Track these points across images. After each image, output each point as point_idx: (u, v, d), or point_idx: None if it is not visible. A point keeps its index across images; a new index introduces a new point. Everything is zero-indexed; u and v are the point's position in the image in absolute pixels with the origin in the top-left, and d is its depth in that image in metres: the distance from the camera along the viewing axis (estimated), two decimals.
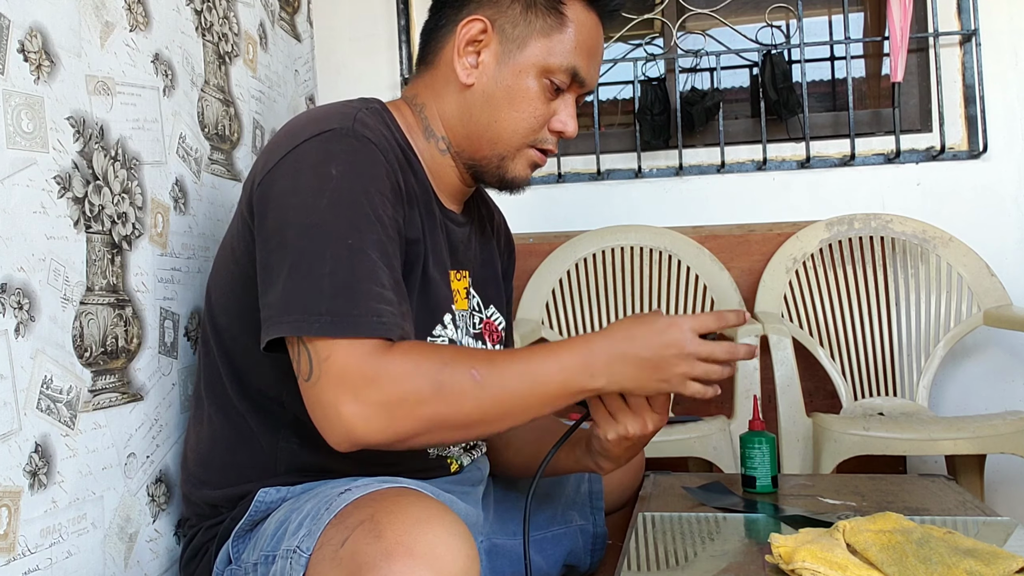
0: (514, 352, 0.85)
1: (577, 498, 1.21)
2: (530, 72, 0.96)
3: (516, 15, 0.96)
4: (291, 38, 1.83)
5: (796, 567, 0.87)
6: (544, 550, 1.17)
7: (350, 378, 0.78)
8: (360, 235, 0.83)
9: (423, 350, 0.82)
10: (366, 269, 0.81)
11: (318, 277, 0.80)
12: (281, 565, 0.77)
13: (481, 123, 0.98)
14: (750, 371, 1.70)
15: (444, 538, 0.70)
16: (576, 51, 0.96)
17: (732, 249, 2.04)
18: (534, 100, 0.96)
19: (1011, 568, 0.84)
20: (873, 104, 2.19)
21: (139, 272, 1.10)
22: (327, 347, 0.79)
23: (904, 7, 1.91)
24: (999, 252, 1.96)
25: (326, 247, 0.81)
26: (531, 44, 0.95)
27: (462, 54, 0.97)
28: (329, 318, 0.79)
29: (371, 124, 0.90)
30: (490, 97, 0.97)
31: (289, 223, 0.84)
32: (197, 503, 1.01)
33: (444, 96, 0.99)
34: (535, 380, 0.83)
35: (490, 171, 1.01)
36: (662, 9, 2.15)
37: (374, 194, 0.85)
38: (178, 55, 1.25)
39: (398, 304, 0.83)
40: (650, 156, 2.13)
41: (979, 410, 1.92)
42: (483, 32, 0.96)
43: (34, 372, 0.89)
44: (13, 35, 0.89)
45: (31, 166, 0.90)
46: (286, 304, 0.81)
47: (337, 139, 0.87)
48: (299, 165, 0.86)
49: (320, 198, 0.84)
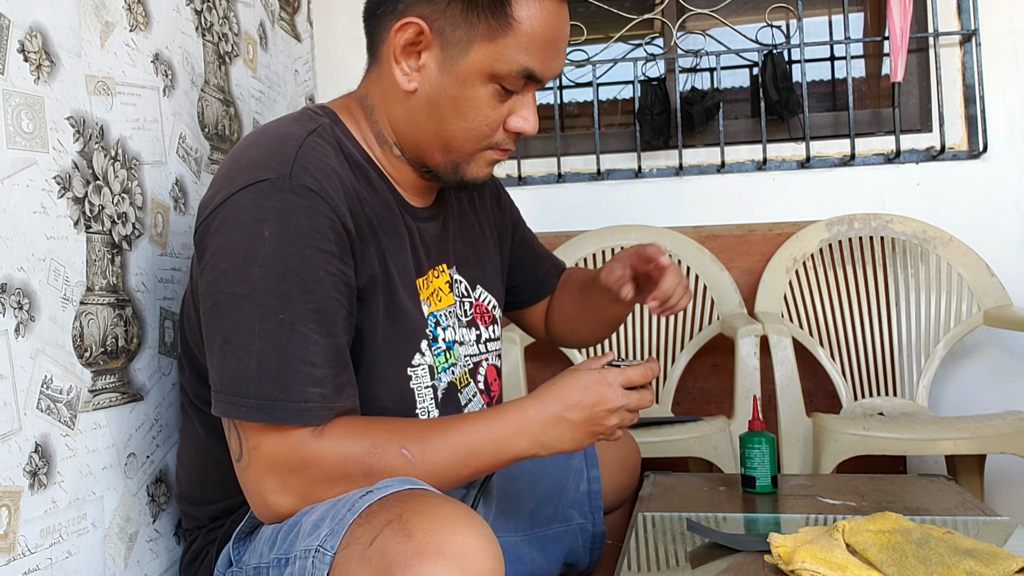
0: (448, 424, 0.85)
1: (577, 497, 1.21)
2: (475, 80, 0.88)
3: (456, 16, 0.86)
4: (291, 38, 1.83)
5: (796, 567, 0.87)
6: (545, 548, 1.18)
7: (276, 469, 0.80)
8: (292, 306, 0.80)
9: (354, 432, 0.81)
10: (295, 347, 0.79)
11: (246, 356, 0.79)
12: (301, 565, 0.77)
13: (429, 131, 0.91)
14: (750, 371, 1.70)
15: (473, 539, 0.71)
16: (529, 50, 0.87)
17: (732, 249, 2.04)
18: (483, 108, 0.89)
19: (1011, 568, 0.84)
20: (873, 104, 2.19)
21: (139, 272, 1.10)
22: (256, 435, 0.80)
23: (904, 7, 1.91)
24: (999, 252, 1.96)
25: (255, 322, 0.79)
26: (474, 49, 0.86)
27: (399, 59, 0.89)
28: (256, 402, 0.78)
29: (313, 165, 0.84)
30: (435, 105, 0.89)
31: (222, 290, 0.82)
32: (196, 516, 1.02)
33: (390, 100, 0.93)
34: (468, 452, 0.84)
35: (447, 175, 0.95)
36: (662, 9, 2.15)
37: (312, 254, 0.81)
38: (178, 55, 1.25)
39: (334, 378, 0.82)
40: (650, 156, 2.13)
41: (979, 410, 1.92)
42: (420, 34, 0.87)
43: (34, 372, 0.89)
44: (13, 35, 0.89)
45: (31, 166, 0.90)
46: (220, 380, 0.81)
47: (272, 193, 0.81)
48: (233, 222, 0.82)
49: (251, 266, 0.80)
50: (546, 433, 0.86)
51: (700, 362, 2.01)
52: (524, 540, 1.17)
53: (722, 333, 1.90)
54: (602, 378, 0.88)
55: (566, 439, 0.87)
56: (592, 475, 1.22)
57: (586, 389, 0.87)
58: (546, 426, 0.86)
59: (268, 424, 0.79)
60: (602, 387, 0.87)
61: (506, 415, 0.86)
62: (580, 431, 0.87)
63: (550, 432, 0.87)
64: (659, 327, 2.00)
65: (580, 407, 0.87)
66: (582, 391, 0.87)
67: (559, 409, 0.86)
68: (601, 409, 0.87)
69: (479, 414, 0.87)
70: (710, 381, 2.04)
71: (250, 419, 0.80)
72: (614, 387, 0.88)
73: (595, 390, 0.87)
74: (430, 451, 0.82)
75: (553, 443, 0.87)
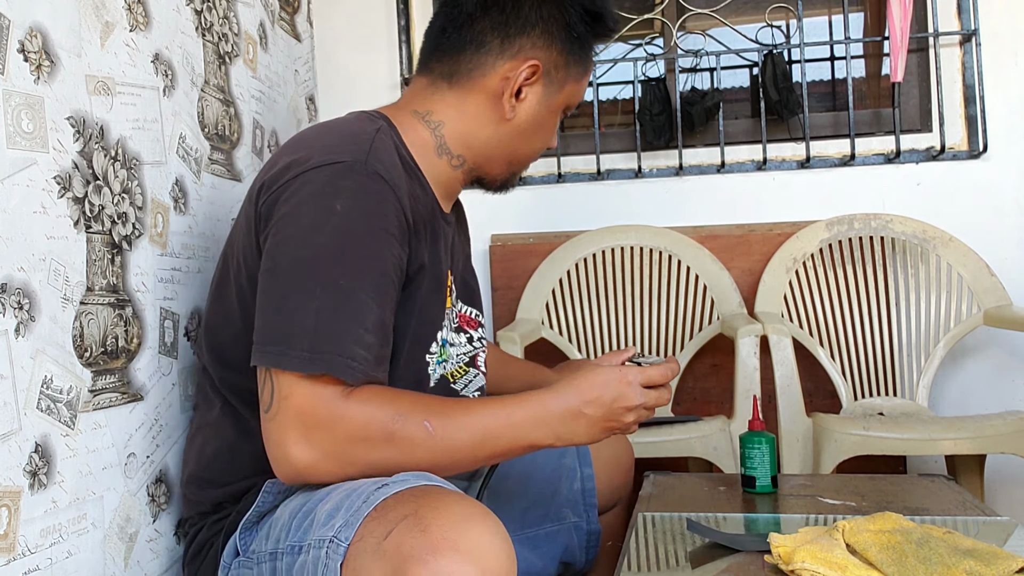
0: (470, 404, 0.88)
1: (570, 495, 1.21)
2: (558, 111, 1.06)
3: (559, 59, 1.02)
4: (291, 38, 1.83)
5: (795, 567, 0.87)
6: (539, 547, 1.18)
7: (303, 420, 0.82)
8: (352, 275, 0.85)
9: (381, 398, 0.84)
10: (352, 310, 0.84)
11: (304, 314, 0.83)
12: (315, 555, 0.78)
13: (508, 150, 1.05)
14: (750, 371, 1.70)
15: (488, 536, 0.72)
16: (584, 87, 1.08)
17: (732, 249, 2.04)
18: (552, 130, 1.08)
19: (1011, 568, 0.84)
20: (873, 104, 2.19)
21: (139, 272, 1.10)
22: (289, 385, 0.82)
23: (904, 7, 1.91)
24: (999, 252, 1.96)
25: (317, 284, 0.84)
26: (567, 87, 1.05)
27: (513, 94, 1.02)
28: (307, 354, 0.81)
29: (385, 157, 0.92)
30: (523, 130, 1.04)
31: (286, 252, 0.87)
32: (200, 502, 1.02)
33: (474, 122, 1.03)
34: (486, 434, 0.86)
35: (497, 182, 1.10)
36: (662, 9, 2.15)
37: (378, 232, 0.88)
38: (178, 55, 1.25)
39: (378, 348, 0.86)
40: (650, 156, 2.13)
41: (979, 410, 1.92)
42: (534, 73, 1.01)
43: (34, 372, 0.89)
44: (13, 35, 0.89)
45: (31, 166, 0.90)
46: (271, 333, 0.84)
47: (348, 174, 0.88)
48: (305, 194, 0.88)
49: (319, 233, 0.86)
50: (563, 426, 0.89)
51: (700, 362, 2.01)
52: (515, 540, 1.17)
53: (722, 333, 1.90)
54: (623, 376, 0.90)
55: (581, 433, 0.90)
56: (585, 473, 1.23)
57: (606, 386, 0.89)
58: (564, 419, 0.88)
59: (307, 375, 0.81)
60: (622, 385, 0.89)
61: (527, 404, 0.88)
62: (596, 426, 0.90)
63: (567, 425, 0.89)
64: (659, 327, 2.00)
65: (599, 403, 0.89)
66: (603, 387, 0.89)
67: (578, 404, 0.89)
68: (619, 406, 0.89)
69: (500, 400, 0.89)
70: (710, 381, 2.04)
71: (298, 369, 0.81)
72: (634, 386, 0.90)
73: (615, 388, 0.89)
74: (452, 427, 0.84)
75: (569, 436, 0.89)
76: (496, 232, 2.13)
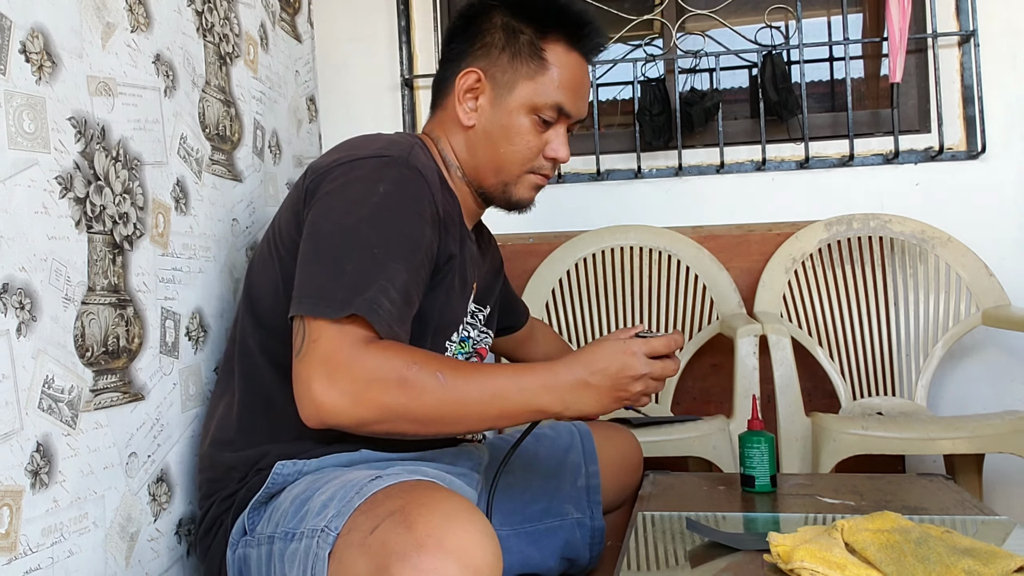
0: (482, 366, 0.93)
1: (573, 492, 1.22)
2: (520, 111, 1.09)
3: (505, 64, 1.09)
4: (292, 39, 1.84)
5: (795, 566, 0.87)
6: (539, 542, 1.19)
7: (329, 362, 0.85)
8: (387, 248, 0.91)
9: (398, 348, 0.88)
10: (384, 274, 0.90)
11: (340, 271, 0.89)
12: (306, 544, 0.80)
13: (485, 157, 1.11)
14: (749, 371, 1.70)
15: (473, 534, 0.73)
16: (560, 89, 1.09)
17: (731, 249, 2.05)
18: (527, 134, 1.09)
19: (1009, 567, 0.85)
20: (872, 105, 2.20)
21: (140, 272, 1.10)
22: (319, 329, 0.87)
23: (903, 8, 1.92)
24: (998, 252, 1.96)
25: (354, 249, 0.91)
26: (519, 87, 1.09)
27: (462, 101, 1.11)
28: (339, 304, 0.86)
29: (422, 159, 1.02)
30: (489, 135, 1.10)
31: (328, 219, 0.94)
32: (215, 466, 1.05)
33: (453, 134, 1.13)
34: (495, 393, 0.89)
35: (497, 196, 1.14)
36: (662, 10, 2.16)
37: (414, 216, 0.96)
38: (179, 56, 1.25)
39: (402, 306, 0.91)
40: (650, 156, 2.13)
41: (977, 410, 1.92)
42: (478, 81, 1.10)
43: (36, 372, 0.89)
44: (15, 36, 0.89)
45: (33, 166, 0.91)
46: (308, 286, 0.90)
47: (393, 165, 0.98)
48: (352, 175, 0.97)
49: (362, 207, 0.93)
50: (572, 394, 0.91)
51: (699, 362, 2.01)
52: (512, 534, 1.18)
53: (721, 333, 1.91)
54: (627, 347, 0.93)
55: (591, 402, 0.92)
56: (591, 470, 1.23)
57: (611, 357, 0.92)
58: (572, 388, 0.91)
59: (336, 319, 0.86)
60: (627, 356, 0.92)
61: (537, 371, 0.92)
62: (605, 396, 0.93)
63: (575, 394, 0.92)
64: (659, 327, 2.00)
65: (604, 373, 0.92)
66: (608, 358, 0.92)
67: (585, 374, 0.92)
68: (625, 376, 0.92)
69: (511, 366, 0.93)
70: (709, 381, 2.04)
71: (327, 314, 0.86)
72: (638, 356, 0.93)
73: (620, 358, 0.92)
74: (463, 381, 0.88)
75: (578, 405, 0.92)
76: (496, 232, 2.12)
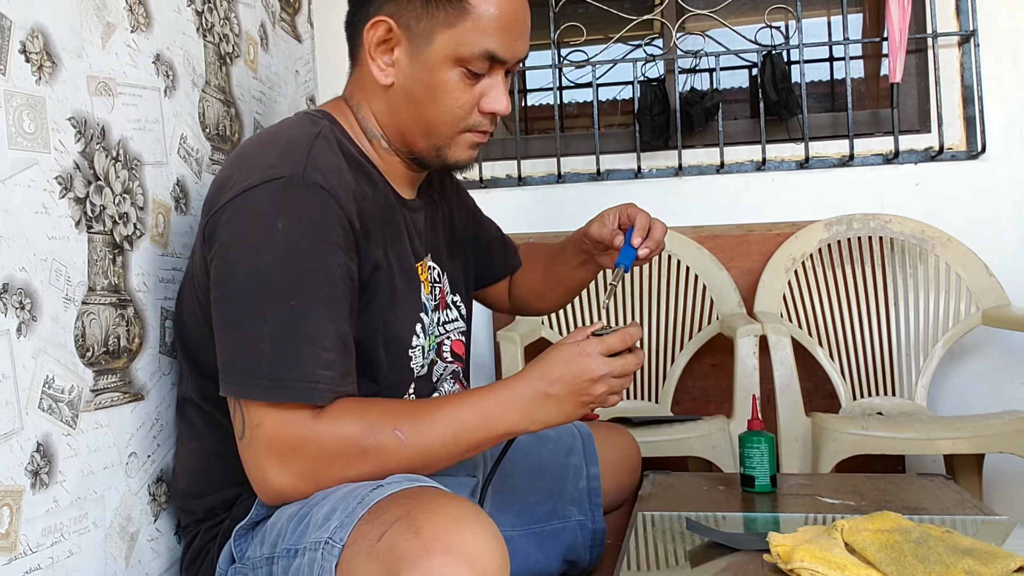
0: (440, 403, 0.89)
1: (576, 494, 1.22)
2: (443, 65, 0.94)
3: (418, 10, 0.93)
4: (292, 39, 1.84)
5: (795, 566, 0.87)
6: (543, 544, 1.18)
7: (276, 447, 0.83)
8: (303, 293, 0.84)
9: (350, 413, 0.85)
10: (307, 331, 0.83)
11: (259, 339, 0.83)
12: (310, 557, 0.78)
13: (410, 120, 0.97)
14: (749, 371, 1.70)
15: (480, 537, 0.72)
16: (488, 33, 0.92)
17: (731, 249, 2.05)
18: (454, 91, 0.95)
19: (1009, 567, 0.85)
20: (872, 105, 2.20)
21: (140, 272, 1.10)
22: (259, 413, 0.84)
23: (903, 8, 1.92)
24: (997, 252, 1.96)
25: (267, 307, 0.83)
26: (437, 37, 0.93)
27: (374, 57, 0.96)
28: (267, 383, 0.82)
29: (324, 165, 0.90)
30: (411, 94, 0.96)
31: (233, 277, 0.86)
32: (193, 511, 1.03)
33: (372, 96, 0.99)
34: (459, 429, 0.87)
35: (432, 160, 1.01)
36: (662, 10, 2.16)
37: (322, 246, 0.86)
38: (179, 56, 1.25)
39: (341, 363, 0.86)
40: (650, 156, 2.13)
41: (977, 410, 1.92)
42: (389, 32, 0.95)
43: (36, 372, 0.89)
44: (15, 36, 0.89)
45: (33, 166, 0.91)
46: (231, 362, 0.85)
47: (287, 189, 0.86)
48: (246, 213, 0.87)
49: (265, 253, 0.85)
50: (534, 408, 0.89)
51: (699, 362, 2.01)
52: (521, 535, 1.17)
53: (721, 333, 1.91)
54: (581, 350, 0.89)
55: (554, 412, 0.89)
56: (591, 472, 1.23)
57: (566, 363, 0.89)
58: (533, 401, 0.89)
59: (274, 403, 0.82)
60: (582, 358, 0.89)
61: (496, 392, 0.89)
62: (567, 403, 0.89)
63: (537, 407, 0.89)
64: (659, 327, 2.00)
65: (562, 381, 0.88)
66: (563, 365, 0.89)
67: (543, 385, 0.89)
68: (584, 380, 0.88)
69: (471, 393, 0.90)
70: (709, 381, 2.04)
71: (261, 398, 0.82)
72: (594, 357, 0.89)
73: (575, 363, 0.89)
74: (423, 431, 0.85)
75: (543, 417, 0.89)
76: None
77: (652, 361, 1.99)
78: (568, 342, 0.91)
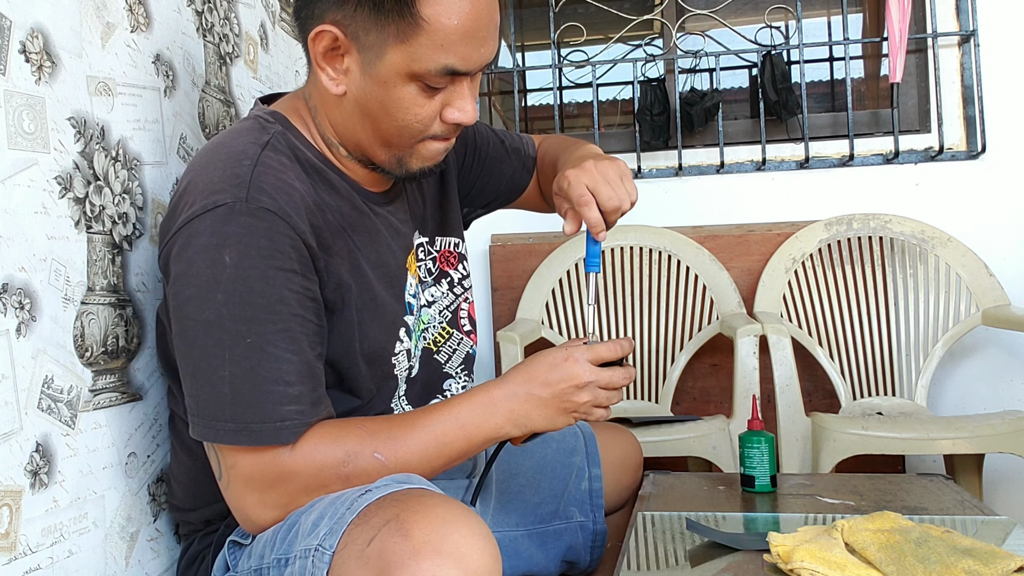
0: (418, 417, 0.87)
1: (578, 495, 1.22)
2: (396, 81, 0.85)
3: (366, 19, 0.83)
4: (292, 39, 1.84)
5: (795, 566, 0.87)
6: (545, 544, 1.18)
7: (255, 485, 0.82)
8: (259, 328, 0.81)
9: (327, 441, 0.83)
10: (267, 368, 0.81)
11: (219, 382, 0.81)
12: (301, 565, 0.77)
13: (366, 131, 0.90)
14: (749, 371, 1.70)
15: (470, 538, 0.72)
16: (444, 47, 0.83)
17: (731, 249, 2.05)
18: (411, 106, 0.86)
19: (1009, 567, 0.84)
20: (872, 105, 2.20)
21: (140, 272, 1.10)
22: (232, 456, 0.83)
23: (903, 8, 1.92)
24: (997, 252, 1.96)
25: (224, 348, 0.81)
26: (389, 51, 0.83)
27: (323, 65, 0.87)
28: (232, 425, 0.81)
29: (270, 183, 0.84)
30: (364, 107, 0.88)
31: (188, 317, 0.83)
32: (190, 521, 1.04)
33: (327, 103, 0.92)
34: (439, 443, 0.86)
35: (394, 169, 0.94)
36: (662, 10, 2.16)
37: (273, 275, 0.81)
38: (179, 56, 1.25)
39: (310, 392, 0.83)
40: (650, 156, 2.13)
41: (977, 410, 1.93)
42: (336, 41, 0.85)
43: (35, 372, 0.89)
44: (14, 36, 0.89)
45: (32, 166, 0.91)
46: (196, 405, 0.83)
47: (230, 217, 0.81)
48: (193, 248, 0.82)
49: (215, 291, 0.81)
50: (515, 411, 0.87)
51: (699, 362, 2.01)
52: (524, 535, 1.17)
53: (721, 333, 1.91)
54: (568, 355, 0.88)
55: (536, 416, 0.88)
56: (593, 473, 1.23)
57: (552, 367, 0.88)
58: (514, 405, 0.87)
59: (243, 446, 0.81)
60: (568, 363, 0.87)
61: (472, 399, 0.88)
62: (550, 408, 0.88)
63: (518, 410, 0.87)
64: (659, 327, 2.00)
65: (546, 383, 0.87)
66: (548, 368, 0.88)
67: (526, 387, 0.88)
68: (568, 385, 0.87)
69: (448, 403, 0.88)
70: (709, 381, 2.04)
71: (228, 442, 0.81)
72: (580, 363, 0.87)
73: (561, 367, 0.87)
74: (403, 449, 0.84)
75: (524, 420, 0.88)
76: (496, 232, 2.13)
77: (652, 361, 1.99)
78: (557, 348, 0.90)
